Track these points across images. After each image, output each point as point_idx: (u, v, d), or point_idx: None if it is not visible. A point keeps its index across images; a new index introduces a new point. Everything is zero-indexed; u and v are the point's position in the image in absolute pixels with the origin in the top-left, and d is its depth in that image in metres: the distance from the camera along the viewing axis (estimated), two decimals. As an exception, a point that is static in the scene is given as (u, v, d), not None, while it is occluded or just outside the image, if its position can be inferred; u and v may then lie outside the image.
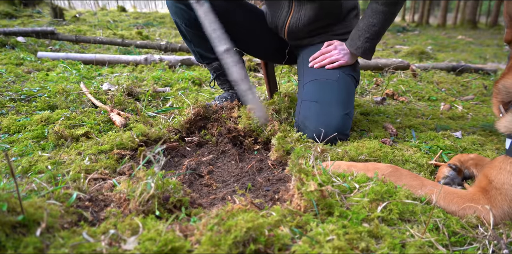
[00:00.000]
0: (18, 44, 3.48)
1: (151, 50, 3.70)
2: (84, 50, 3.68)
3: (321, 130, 1.22)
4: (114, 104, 1.66)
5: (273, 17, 1.54)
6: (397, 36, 8.91)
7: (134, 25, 7.09)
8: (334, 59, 1.41)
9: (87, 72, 2.47)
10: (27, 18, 7.24)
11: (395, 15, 1.33)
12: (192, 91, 2.07)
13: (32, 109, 1.60)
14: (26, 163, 1.05)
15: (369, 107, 1.84)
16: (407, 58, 3.80)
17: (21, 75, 2.23)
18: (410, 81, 2.46)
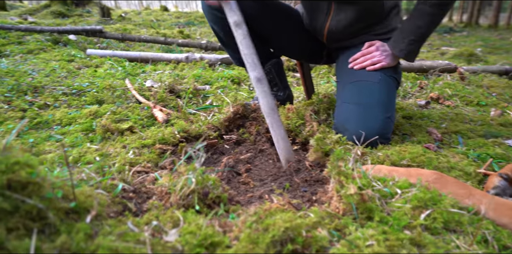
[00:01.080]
0: (70, 42, 3.68)
1: (192, 49, 3.78)
2: (129, 48, 3.83)
3: (361, 132, 1.20)
4: (157, 101, 1.72)
5: (311, 20, 1.50)
6: (443, 37, 8.52)
7: (176, 24, 7.29)
8: (376, 60, 1.36)
9: (131, 69, 2.57)
10: (77, 17, 7.65)
11: (443, 17, 1.27)
12: (231, 89, 2.10)
13: (81, 103, 1.69)
14: (76, 154, 1.11)
15: (412, 111, 1.78)
16: (454, 61, 3.63)
17: (72, 71, 2.37)
18: (457, 85, 2.35)
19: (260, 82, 1.09)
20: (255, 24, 1.46)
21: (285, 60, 2.80)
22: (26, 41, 3.49)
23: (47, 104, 1.66)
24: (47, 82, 1.94)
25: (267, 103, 1.09)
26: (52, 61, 2.71)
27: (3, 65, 2.35)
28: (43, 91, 1.80)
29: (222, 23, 1.41)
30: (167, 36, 4.76)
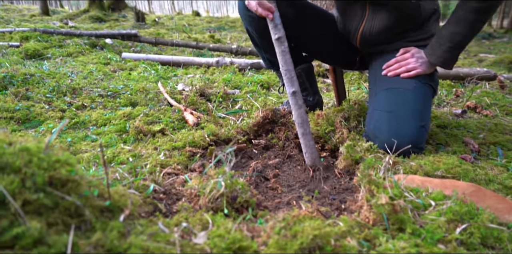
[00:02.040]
0: (106, 45, 3.83)
1: (223, 53, 3.84)
2: (162, 52, 3.93)
3: (394, 141, 1.17)
4: (188, 104, 1.75)
5: (344, 24, 1.48)
6: (481, 43, 8.19)
7: (207, 29, 7.42)
8: (410, 67, 1.31)
9: (164, 72, 2.64)
10: (114, 21, 7.95)
11: (483, 25, 1.20)
12: (260, 94, 2.11)
13: (116, 105, 1.75)
14: (110, 154, 1.15)
15: (447, 120, 1.72)
16: (494, 68, 3.47)
17: (108, 74, 2.46)
18: (497, 94, 2.24)
19: (295, 95, 1.14)
20: (290, 28, 1.47)
21: (315, 65, 2.79)
22: (66, 44, 3.67)
23: (84, 105, 1.73)
24: (84, 84, 2.03)
25: (299, 115, 1.14)
26: (89, 64, 2.83)
27: (45, 67, 2.47)
28: (81, 93, 1.88)
29: (257, 24, 1.43)
30: (199, 41, 4.86)
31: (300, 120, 1.13)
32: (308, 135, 1.13)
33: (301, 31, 1.51)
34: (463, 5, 1.18)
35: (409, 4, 1.31)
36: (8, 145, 0.64)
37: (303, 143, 1.14)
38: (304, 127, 1.13)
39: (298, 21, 1.45)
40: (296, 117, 1.14)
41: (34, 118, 1.53)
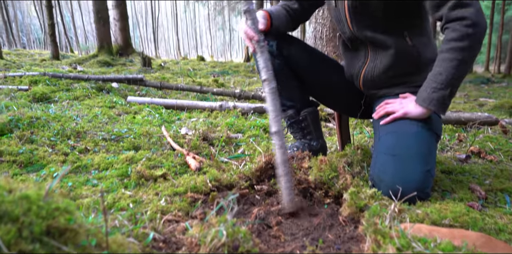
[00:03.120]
0: (112, 89, 3.94)
1: (226, 97, 3.92)
2: (166, 96, 4.03)
3: (398, 187, 1.15)
4: (190, 148, 1.76)
5: (349, 67, 1.57)
6: (481, 88, 8.37)
7: (211, 73, 7.67)
8: (390, 111, 1.34)
9: (168, 116, 2.68)
10: (121, 66, 8.26)
11: (466, 63, 1.20)
12: (263, 138, 2.12)
13: (119, 149, 1.76)
14: (111, 199, 1.13)
15: (452, 165, 1.70)
16: (495, 113, 3.52)
17: (113, 117, 2.50)
18: (500, 139, 2.25)
19: (277, 135, 1.15)
20: (300, 71, 1.54)
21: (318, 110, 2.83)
22: (74, 88, 3.77)
23: (88, 149, 1.74)
24: (89, 128, 2.05)
25: (280, 156, 1.14)
26: (95, 108, 2.89)
27: (52, 111, 2.52)
28: (85, 136, 1.90)
29: None
30: (203, 85, 4.99)
31: (281, 161, 1.13)
32: (287, 175, 1.12)
33: (310, 75, 1.58)
34: (444, 45, 1.22)
35: (408, 49, 1.37)
36: (8, 192, 0.64)
37: (280, 183, 1.14)
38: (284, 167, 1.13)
39: (307, 65, 1.53)
40: (277, 158, 1.14)
41: (37, 162, 1.53)
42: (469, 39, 1.17)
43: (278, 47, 1.49)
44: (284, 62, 1.51)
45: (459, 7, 1.18)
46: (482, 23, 1.17)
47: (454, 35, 1.18)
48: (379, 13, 1.35)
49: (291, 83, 1.57)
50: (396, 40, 1.38)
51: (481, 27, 1.16)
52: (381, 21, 1.37)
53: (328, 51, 3.69)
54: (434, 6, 1.24)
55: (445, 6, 1.20)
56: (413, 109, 1.30)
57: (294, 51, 1.51)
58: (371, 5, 1.33)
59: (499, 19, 18.96)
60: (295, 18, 1.57)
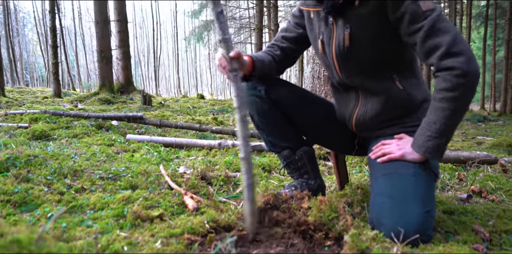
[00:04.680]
0: (112, 127, 3.96)
1: (225, 136, 3.94)
2: (165, 134, 4.05)
3: (399, 228, 1.13)
4: (188, 188, 1.74)
5: (340, 110, 1.59)
6: (478, 126, 8.45)
7: (211, 111, 7.77)
8: (386, 152, 1.35)
9: (166, 154, 2.68)
10: (121, 103, 8.38)
11: (459, 112, 1.22)
12: (262, 177, 2.10)
13: (116, 188, 1.73)
14: (105, 241, 1.09)
15: (453, 205, 1.68)
16: (493, 151, 3.53)
17: (111, 155, 2.49)
18: (500, 178, 2.24)
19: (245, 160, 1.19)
20: (290, 113, 1.56)
21: (316, 148, 2.84)
22: (73, 126, 3.80)
23: (84, 188, 1.72)
24: (86, 166, 2.04)
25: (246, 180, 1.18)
26: (94, 145, 2.89)
27: (50, 149, 2.52)
28: (82, 175, 1.88)
29: (258, 108, 1.52)
30: (202, 123, 5.04)
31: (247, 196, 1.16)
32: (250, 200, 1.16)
33: (300, 116, 1.59)
34: (436, 94, 1.23)
35: (398, 93, 1.40)
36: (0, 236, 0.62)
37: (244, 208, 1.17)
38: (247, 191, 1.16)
39: (296, 106, 1.55)
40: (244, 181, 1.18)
41: (32, 201, 1.50)
42: (461, 89, 1.17)
43: (266, 92, 1.51)
44: (274, 106, 1.52)
45: (448, 57, 1.18)
46: (474, 71, 1.16)
47: (445, 85, 1.19)
48: (368, 60, 1.38)
49: (283, 125, 1.58)
50: (386, 85, 1.40)
51: (472, 76, 1.16)
52: (369, 67, 1.40)
53: (326, 91, 3.77)
54: (424, 54, 1.25)
55: (434, 55, 1.21)
56: (410, 153, 1.30)
57: (283, 95, 1.53)
58: (360, 52, 1.37)
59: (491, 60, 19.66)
60: (280, 63, 1.61)
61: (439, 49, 1.19)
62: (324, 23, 1.42)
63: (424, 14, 1.20)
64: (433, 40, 1.20)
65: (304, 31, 1.57)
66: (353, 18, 1.33)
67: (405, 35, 1.28)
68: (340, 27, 1.37)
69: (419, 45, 1.24)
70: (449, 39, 1.18)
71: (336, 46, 1.40)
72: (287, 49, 1.62)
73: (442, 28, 1.19)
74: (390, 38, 1.33)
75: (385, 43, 1.34)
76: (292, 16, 1.62)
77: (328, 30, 1.42)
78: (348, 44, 1.36)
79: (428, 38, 1.21)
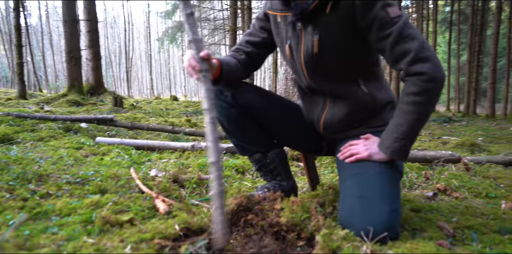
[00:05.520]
0: (81, 129, 3.84)
1: (198, 138, 3.91)
2: (137, 136, 3.96)
3: (368, 227, 1.15)
4: (160, 191, 1.71)
5: (308, 112, 1.61)
6: (443, 126, 8.80)
7: (184, 113, 7.69)
8: (354, 152, 1.38)
9: (137, 157, 2.62)
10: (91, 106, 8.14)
11: (426, 115, 1.27)
12: (235, 179, 2.10)
13: (84, 193, 1.68)
14: (71, 249, 1.06)
15: (420, 203, 1.74)
16: (457, 150, 3.68)
17: (79, 159, 2.41)
18: (464, 176, 2.33)
19: (215, 165, 1.16)
20: (258, 117, 1.55)
21: (289, 149, 2.86)
22: (39, 129, 3.65)
23: (49, 193, 1.65)
24: (52, 171, 1.96)
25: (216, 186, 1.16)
26: (61, 149, 2.78)
27: (13, 153, 2.41)
28: (47, 180, 1.81)
29: (226, 113, 1.50)
30: (175, 125, 4.97)
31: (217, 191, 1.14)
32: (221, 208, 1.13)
33: (270, 121, 1.59)
34: (404, 97, 1.27)
35: (364, 97, 1.44)
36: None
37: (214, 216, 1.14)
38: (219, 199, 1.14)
39: (260, 108, 1.53)
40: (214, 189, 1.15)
41: (-8, 208, 1.43)
42: (428, 93, 1.22)
43: (233, 96, 1.48)
44: (241, 110, 1.50)
45: (417, 62, 1.21)
46: (440, 77, 1.21)
47: (414, 89, 1.23)
48: (336, 66, 1.40)
49: (251, 129, 1.57)
50: (352, 89, 1.43)
51: (439, 81, 1.21)
52: (337, 73, 1.42)
53: (298, 92, 3.82)
54: (392, 60, 1.28)
55: (403, 61, 1.24)
56: (377, 153, 1.34)
57: (250, 99, 1.50)
58: (328, 59, 1.38)
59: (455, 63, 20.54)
60: (246, 67, 1.57)
61: (408, 55, 1.23)
62: (292, 28, 1.41)
63: (392, 21, 1.22)
64: (402, 46, 1.23)
65: (269, 35, 1.55)
66: (322, 24, 1.34)
67: (374, 41, 1.30)
68: (308, 33, 1.37)
69: (388, 51, 1.27)
70: (417, 45, 1.21)
71: (304, 52, 1.40)
72: (251, 53, 1.58)
73: (410, 34, 1.23)
74: (358, 44, 1.35)
75: (353, 50, 1.36)
76: (256, 19, 1.58)
77: (296, 36, 1.41)
78: (317, 51, 1.37)
79: (397, 44, 1.24)
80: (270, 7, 1.48)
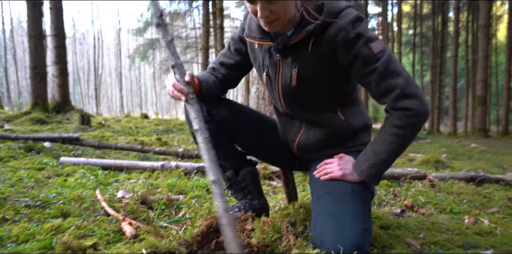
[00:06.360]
0: (44, 149, 3.67)
1: (169, 157, 3.83)
2: (105, 155, 3.83)
3: (339, 246, 1.15)
4: (127, 213, 1.64)
5: (284, 132, 1.62)
6: (410, 144, 9.09)
7: (155, 131, 7.54)
8: (329, 171, 1.39)
9: (104, 178, 2.53)
10: (56, 124, 7.83)
11: (404, 147, 1.30)
12: (206, 199, 2.06)
13: (44, 217, 1.59)
14: (26, 280, 0.98)
15: (389, 220, 1.76)
16: (423, 167, 3.80)
17: (40, 181, 2.29)
18: (429, 192, 2.41)
19: (217, 183, 1.12)
20: (234, 132, 1.54)
21: (261, 168, 2.86)
22: (-2, 148, 3.45)
23: (6, 218, 1.55)
24: (10, 193, 1.85)
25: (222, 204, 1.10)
26: (21, 170, 2.64)
27: (-32, 175, 2.26)
28: (4, 204, 1.70)
29: None
30: (145, 144, 4.86)
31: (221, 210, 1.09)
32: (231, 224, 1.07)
33: (246, 137, 1.59)
34: (387, 128, 1.29)
35: (340, 123, 1.45)
36: None
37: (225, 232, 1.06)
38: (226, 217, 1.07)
39: (235, 123, 1.53)
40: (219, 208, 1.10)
41: None
42: (412, 127, 1.25)
43: (209, 112, 1.48)
44: (217, 126, 1.50)
45: (403, 98, 1.22)
46: (425, 112, 1.23)
47: (398, 123, 1.25)
48: (314, 98, 1.40)
49: (226, 145, 1.57)
50: (328, 116, 1.44)
51: (424, 117, 1.23)
52: (315, 104, 1.43)
53: (271, 110, 3.85)
54: (377, 95, 1.28)
55: (389, 97, 1.24)
56: (350, 174, 1.35)
57: (226, 115, 1.50)
58: (306, 92, 1.38)
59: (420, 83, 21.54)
60: (223, 84, 1.57)
61: (393, 91, 1.22)
62: (269, 56, 1.40)
63: (376, 57, 1.21)
64: (387, 82, 1.23)
65: (243, 58, 1.55)
66: (302, 58, 1.31)
67: (357, 77, 1.30)
68: (287, 65, 1.36)
69: (374, 86, 1.27)
70: (402, 82, 1.22)
71: (282, 83, 1.40)
72: (226, 75, 1.58)
73: (395, 70, 1.21)
74: (338, 78, 1.35)
75: (332, 83, 1.37)
76: (232, 40, 1.57)
77: (273, 65, 1.40)
78: (295, 84, 1.36)
79: (382, 80, 1.24)
80: (248, 34, 1.44)
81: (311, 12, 1.24)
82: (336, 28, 1.23)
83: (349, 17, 1.23)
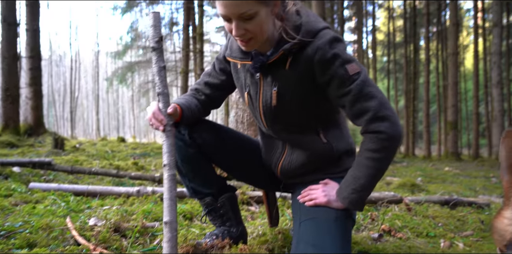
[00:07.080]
0: (13, 174, 3.51)
1: (145, 182, 3.73)
2: (78, 181, 3.70)
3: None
4: (98, 242, 1.57)
5: (267, 154, 1.61)
6: (386, 167, 9.22)
7: (131, 155, 7.38)
8: (313, 197, 1.38)
9: (76, 205, 2.43)
10: (28, 147, 7.55)
11: (382, 170, 1.30)
12: (182, 226, 2.00)
13: (9, 248, 1.49)
14: None
15: (367, 245, 1.76)
16: (399, 191, 3.85)
17: (6, 208, 2.17)
18: (406, 216, 2.43)
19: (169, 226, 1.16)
20: (215, 154, 1.53)
21: (239, 193, 2.82)
22: (-37, 174, 3.28)
23: (-34, 250, 1.45)
24: (-27, 222, 1.74)
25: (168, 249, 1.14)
26: (-14, 197, 2.50)
27: None
28: (-35, 234, 1.60)
29: (182, 152, 1.47)
30: (120, 168, 4.73)
31: None
32: None
33: (228, 160, 1.58)
34: (363, 152, 1.29)
35: (322, 147, 1.45)
36: None
37: None
38: None
39: (225, 150, 1.53)
40: None
41: None
42: (385, 151, 1.26)
43: (190, 136, 1.47)
44: (198, 150, 1.49)
45: (375, 121, 1.23)
46: (398, 135, 1.24)
47: (372, 146, 1.26)
48: (295, 118, 1.42)
49: (206, 171, 1.55)
50: (311, 138, 1.44)
51: (396, 140, 1.24)
52: (296, 123, 1.44)
53: (250, 135, 3.86)
54: (352, 116, 1.30)
55: (362, 119, 1.25)
56: (335, 201, 1.33)
57: (207, 137, 1.49)
58: (287, 111, 1.39)
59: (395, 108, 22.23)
60: (205, 106, 1.58)
61: (366, 114, 1.23)
62: (250, 75, 1.41)
63: (351, 79, 1.22)
64: (361, 105, 1.23)
65: (228, 77, 1.55)
66: (281, 77, 1.33)
67: (333, 97, 1.32)
68: (267, 84, 1.36)
69: (348, 108, 1.29)
70: (376, 104, 1.23)
71: (263, 102, 1.41)
72: (211, 95, 1.59)
73: (369, 93, 1.22)
74: (318, 98, 1.37)
75: (313, 103, 1.38)
76: (216, 60, 1.58)
77: (254, 84, 1.40)
78: (275, 104, 1.37)
79: (356, 102, 1.23)
80: (230, 55, 1.44)
81: (289, 31, 1.27)
82: (313, 48, 1.25)
83: (327, 37, 1.26)
